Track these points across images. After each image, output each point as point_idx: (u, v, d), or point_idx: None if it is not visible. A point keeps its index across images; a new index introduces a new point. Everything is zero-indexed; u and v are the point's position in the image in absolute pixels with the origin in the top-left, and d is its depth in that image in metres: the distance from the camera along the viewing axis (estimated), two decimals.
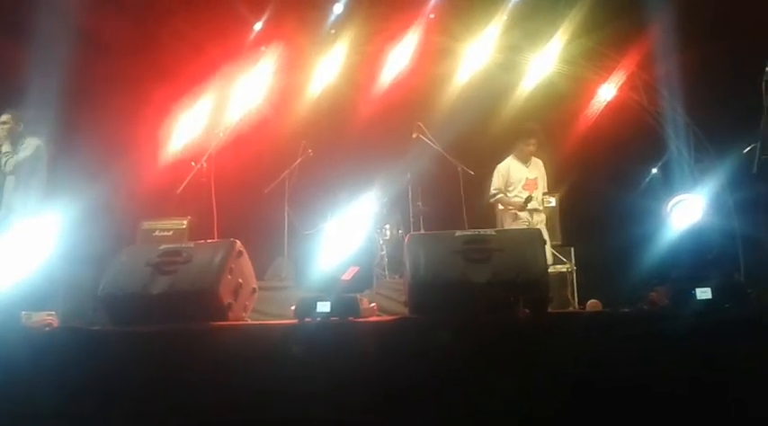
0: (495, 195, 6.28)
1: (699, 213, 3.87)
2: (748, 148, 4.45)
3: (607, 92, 7.66)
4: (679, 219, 3.87)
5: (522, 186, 6.27)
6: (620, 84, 7.51)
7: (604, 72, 7.56)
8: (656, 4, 6.42)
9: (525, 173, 6.31)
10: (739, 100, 4.90)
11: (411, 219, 7.47)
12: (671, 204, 3.99)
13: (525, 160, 6.33)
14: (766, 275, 4.23)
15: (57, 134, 5.87)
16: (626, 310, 3.63)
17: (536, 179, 6.31)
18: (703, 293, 3.25)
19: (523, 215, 6.18)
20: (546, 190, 6.35)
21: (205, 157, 6.34)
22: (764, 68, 4.37)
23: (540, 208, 6.24)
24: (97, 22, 6.31)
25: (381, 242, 7.26)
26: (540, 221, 6.17)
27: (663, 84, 7.10)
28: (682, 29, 6.35)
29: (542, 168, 6.40)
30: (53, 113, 5.78)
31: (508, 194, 6.25)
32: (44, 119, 5.72)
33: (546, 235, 5.92)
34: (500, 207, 6.29)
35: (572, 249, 6.64)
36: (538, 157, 6.41)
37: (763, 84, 4.32)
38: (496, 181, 6.31)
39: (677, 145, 7.16)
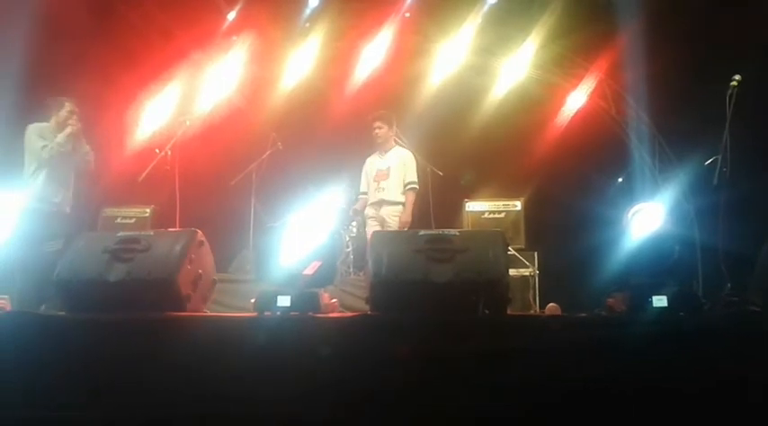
0: (359, 198, 6.28)
1: (658, 221, 3.93)
2: (710, 160, 4.53)
3: (577, 99, 7.74)
4: (639, 227, 3.92)
5: (374, 178, 6.12)
6: (589, 91, 7.59)
7: (574, 79, 7.65)
8: (625, 13, 6.51)
9: (377, 164, 6.14)
10: (703, 110, 4.99)
11: None
12: (631, 212, 4.04)
13: (380, 150, 6.18)
14: (723, 285, 4.31)
15: (16, 117, 5.73)
16: (583, 315, 3.67)
17: (388, 169, 6.06)
18: (659, 301, 3.30)
19: (368, 210, 6.09)
20: (409, 180, 6.05)
21: (169, 145, 6.25)
22: (730, 81, 4.46)
23: (393, 199, 5.98)
24: (61, 3, 6.17)
25: (348, 238, 7.24)
26: (389, 213, 5.98)
27: (630, 93, 7.20)
28: (649, 38, 6.44)
29: (406, 158, 6.14)
30: (13, 95, 5.64)
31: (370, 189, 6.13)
32: (3, 102, 5.58)
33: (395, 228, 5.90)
34: None
35: (535, 253, 6.69)
36: (404, 147, 6.26)
37: (728, 96, 4.41)
38: (361, 181, 6.25)
39: (642, 154, 7.26)
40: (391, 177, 6.05)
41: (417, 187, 6.15)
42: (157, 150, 6.39)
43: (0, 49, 5.66)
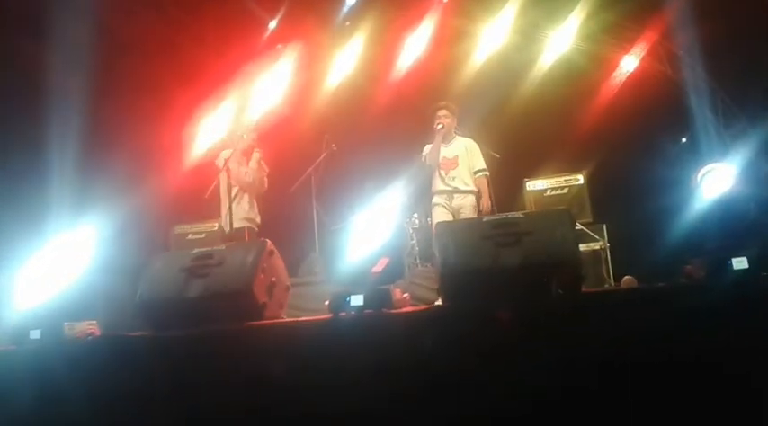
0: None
1: (730, 181, 3.78)
2: None
3: (629, 63, 7.55)
4: (710, 189, 3.78)
5: (440, 166, 6.03)
6: (642, 54, 7.39)
7: (626, 44, 7.46)
8: None
9: (443, 152, 6.04)
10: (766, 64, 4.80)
11: None
12: (701, 174, 3.90)
13: (444, 139, 6.07)
14: None
15: (86, 140, 5.96)
16: (662, 284, 3.58)
17: (456, 157, 6.01)
18: (740, 263, 3.19)
19: (437, 198, 6.01)
20: (481, 168, 6.04)
21: (230, 159, 6.37)
22: None
23: (466, 188, 5.96)
24: (119, 26, 6.38)
25: (411, 231, 7.28)
26: (464, 204, 5.93)
27: (687, 52, 6.96)
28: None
29: (472, 146, 6.11)
30: (79, 118, 5.87)
31: (434, 179, 6.05)
32: (71, 125, 5.83)
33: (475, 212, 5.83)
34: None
35: (604, 226, 6.56)
36: (467, 136, 6.20)
37: None
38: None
39: (704, 112, 7.02)
40: (460, 166, 6.02)
41: (488, 172, 6.12)
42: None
43: (68, 66, 5.89)
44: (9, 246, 4.97)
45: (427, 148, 6.15)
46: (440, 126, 6.03)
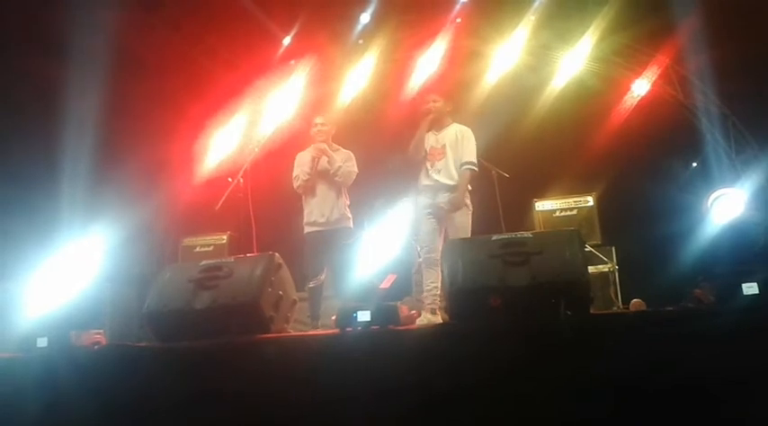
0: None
1: (741, 207, 3.77)
2: None
3: (641, 87, 7.56)
4: (720, 214, 3.77)
5: (427, 157, 5.31)
6: (654, 78, 7.40)
7: (638, 67, 7.47)
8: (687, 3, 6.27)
9: (431, 141, 5.33)
10: None
11: None
12: (711, 198, 3.89)
13: (434, 127, 5.36)
14: None
15: (98, 152, 6.02)
16: (670, 308, 3.56)
17: (444, 147, 5.27)
18: (750, 288, 3.17)
19: (422, 199, 5.33)
20: (467, 160, 5.27)
21: (241, 173, 6.40)
22: None
23: (451, 182, 5.23)
24: (133, 41, 6.46)
25: (419, 248, 7.25)
26: (446, 200, 5.25)
27: (699, 77, 6.98)
28: (718, 21, 6.22)
29: (464, 133, 5.35)
30: (92, 129, 5.94)
31: (420, 173, 5.33)
32: (85, 138, 5.89)
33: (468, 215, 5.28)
34: None
35: (613, 248, 6.54)
36: (466, 124, 5.45)
37: None
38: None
39: (715, 137, 7.01)
40: (448, 156, 5.29)
41: (476, 169, 5.40)
42: (230, 179, 6.56)
43: (82, 83, 5.96)
44: (20, 254, 5.02)
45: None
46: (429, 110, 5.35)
